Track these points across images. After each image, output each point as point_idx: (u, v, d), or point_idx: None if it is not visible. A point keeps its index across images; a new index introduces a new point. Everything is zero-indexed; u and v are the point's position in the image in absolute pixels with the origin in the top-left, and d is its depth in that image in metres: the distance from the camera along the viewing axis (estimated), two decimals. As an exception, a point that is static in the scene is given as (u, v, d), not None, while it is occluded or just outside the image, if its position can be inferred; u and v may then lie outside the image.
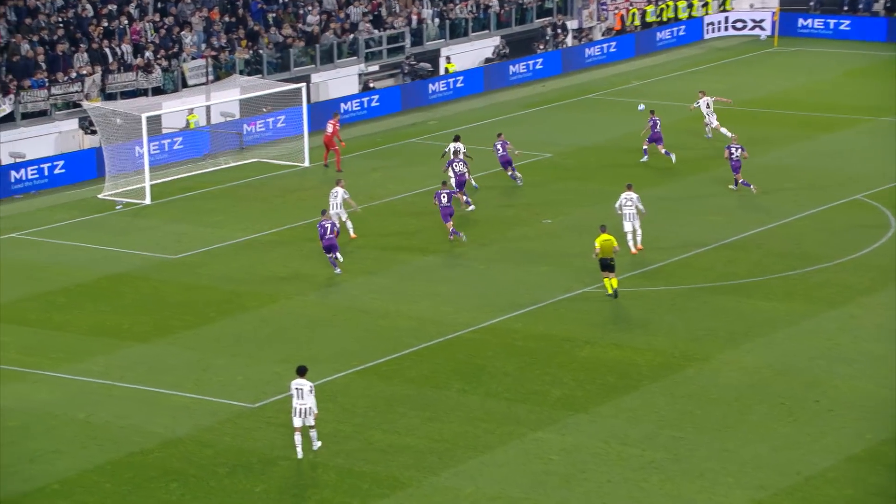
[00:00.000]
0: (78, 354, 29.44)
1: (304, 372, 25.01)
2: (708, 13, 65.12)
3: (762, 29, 64.03)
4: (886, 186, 40.98)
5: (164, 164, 44.32)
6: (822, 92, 53.58)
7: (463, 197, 38.76)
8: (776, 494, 23.52)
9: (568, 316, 31.64)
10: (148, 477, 24.23)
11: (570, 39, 61.66)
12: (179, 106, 45.94)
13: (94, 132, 44.54)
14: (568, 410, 26.74)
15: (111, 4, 49.75)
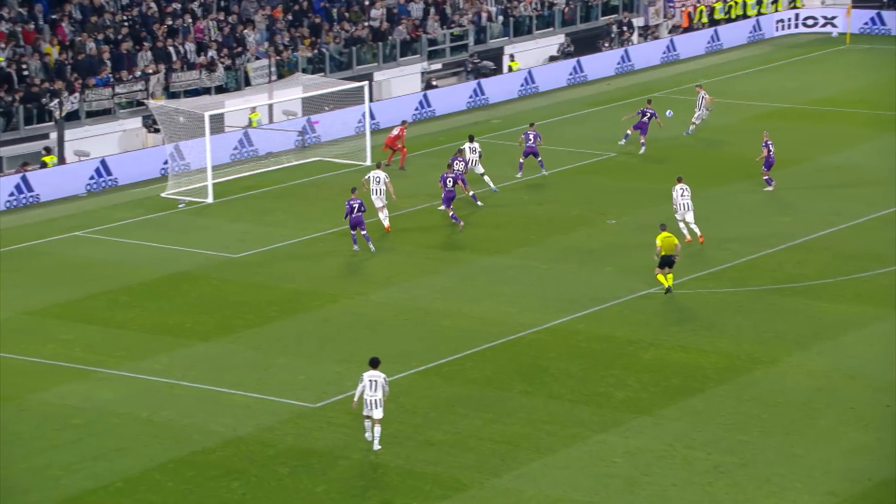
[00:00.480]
0: (140, 353, 29.77)
1: (377, 364, 25.21)
2: (778, 10, 64.54)
3: (834, 26, 63.34)
4: (961, 187, 40.43)
5: (226, 162, 44.69)
6: (894, 91, 52.90)
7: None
8: (846, 500, 23.29)
9: (632, 317, 31.52)
10: (209, 476, 24.46)
11: (635, 37, 61.39)
12: (242, 104, 46.31)
13: (157, 130, 45.02)
14: (632, 413, 26.64)
15: (175, 3, 50.27)
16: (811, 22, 64.08)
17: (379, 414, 24.97)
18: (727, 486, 23.91)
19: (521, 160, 42.69)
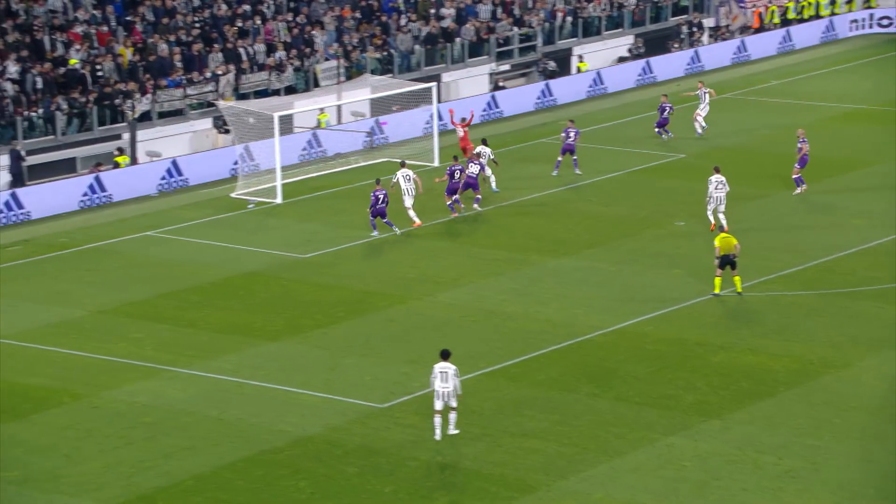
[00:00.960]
0: (210, 352, 30.09)
1: (447, 355, 25.53)
2: (852, 10, 63.82)
3: (909, 26, 62.58)
4: None
5: (294, 163, 45.02)
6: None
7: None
8: (919, 508, 23.03)
9: (701, 320, 31.34)
10: (278, 475, 24.67)
11: (706, 38, 61.00)
12: (311, 105, 46.63)
13: (227, 131, 45.47)
14: (701, 416, 26.49)
15: (245, 4, 50.74)
16: (886, 22, 63.29)
17: (453, 403, 25.40)
18: (798, 491, 23.71)
19: (559, 158, 42.66)
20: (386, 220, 36.88)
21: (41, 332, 31.42)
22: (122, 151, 43.99)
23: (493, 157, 41.41)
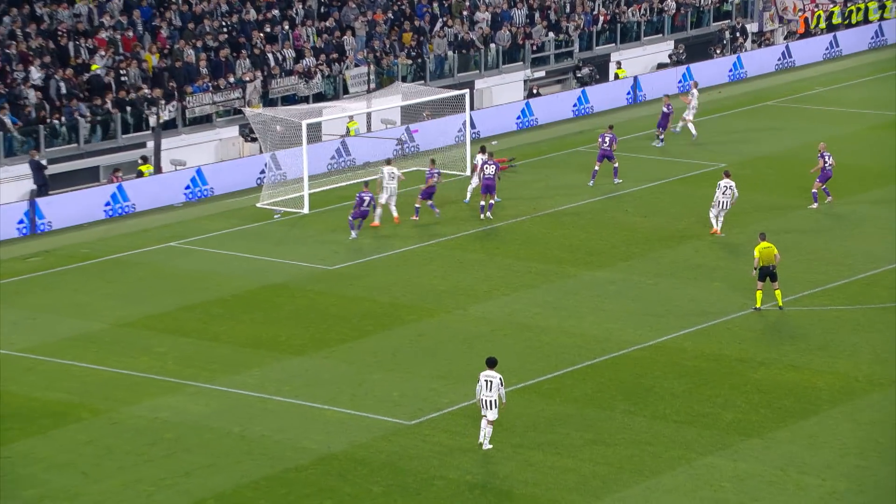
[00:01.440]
0: (234, 366, 30.05)
1: (494, 364, 25.65)
2: (902, 14, 63.39)
3: (961, 31, 62.02)
4: None
5: (322, 172, 45.00)
6: None
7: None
8: (969, 532, 22.67)
9: (741, 335, 31.07)
10: (302, 494, 24.57)
11: (749, 43, 60.66)
12: (340, 113, 46.59)
13: (254, 139, 45.50)
14: (741, 435, 26.23)
15: (274, 9, 50.84)
16: (937, 27, 62.74)
17: (493, 415, 25.46)
18: (841, 514, 23.42)
19: (595, 167, 42.37)
20: (363, 220, 38.17)
21: (61, 345, 31.47)
22: (146, 160, 44.11)
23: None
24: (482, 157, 40.82)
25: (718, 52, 58.98)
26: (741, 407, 27.47)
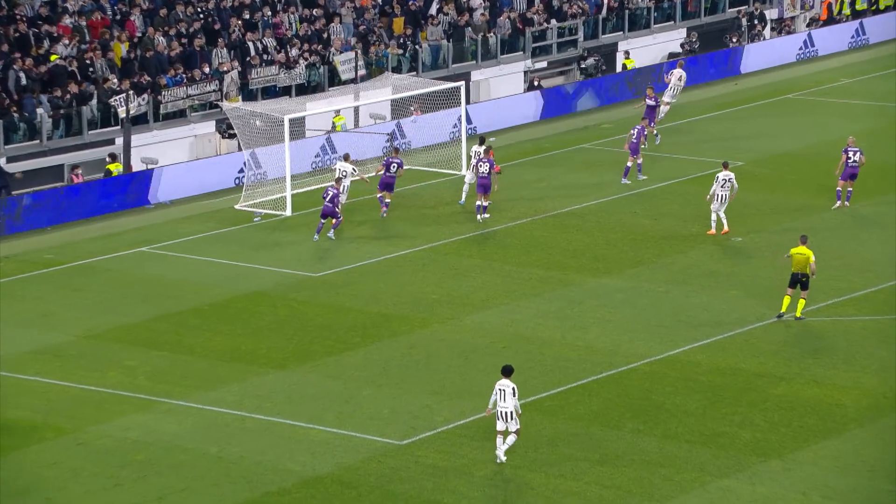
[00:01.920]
0: (210, 382, 30.15)
1: (509, 372, 25.98)
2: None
3: None
4: None
5: (306, 171, 45.13)
6: None
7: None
8: None
9: (760, 347, 31.22)
10: (284, 519, 24.68)
11: (767, 31, 60.85)
12: (325, 107, 46.69)
13: (231, 136, 45.60)
14: (759, 456, 26.37)
15: (252, -6, 50.95)
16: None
17: (513, 426, 25.80)
18: (868, 541, 23.58)
19: (628, 164, 42.56)
20: (335, 220, 38.62)
21: (22, 359, 31.54)
22: (114, 158, 44.16)
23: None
24: (478, 149, 40.93)
25: (735, 40, 59.18)
26: (759, 426, 27.60)
